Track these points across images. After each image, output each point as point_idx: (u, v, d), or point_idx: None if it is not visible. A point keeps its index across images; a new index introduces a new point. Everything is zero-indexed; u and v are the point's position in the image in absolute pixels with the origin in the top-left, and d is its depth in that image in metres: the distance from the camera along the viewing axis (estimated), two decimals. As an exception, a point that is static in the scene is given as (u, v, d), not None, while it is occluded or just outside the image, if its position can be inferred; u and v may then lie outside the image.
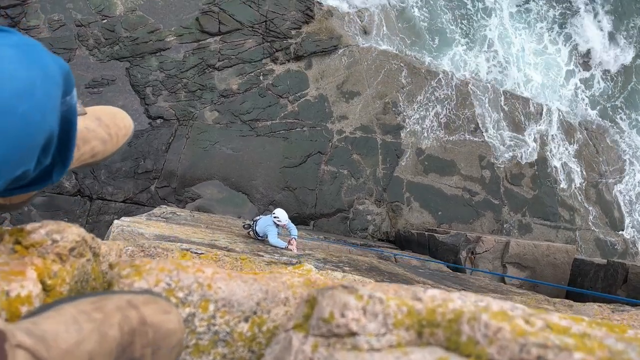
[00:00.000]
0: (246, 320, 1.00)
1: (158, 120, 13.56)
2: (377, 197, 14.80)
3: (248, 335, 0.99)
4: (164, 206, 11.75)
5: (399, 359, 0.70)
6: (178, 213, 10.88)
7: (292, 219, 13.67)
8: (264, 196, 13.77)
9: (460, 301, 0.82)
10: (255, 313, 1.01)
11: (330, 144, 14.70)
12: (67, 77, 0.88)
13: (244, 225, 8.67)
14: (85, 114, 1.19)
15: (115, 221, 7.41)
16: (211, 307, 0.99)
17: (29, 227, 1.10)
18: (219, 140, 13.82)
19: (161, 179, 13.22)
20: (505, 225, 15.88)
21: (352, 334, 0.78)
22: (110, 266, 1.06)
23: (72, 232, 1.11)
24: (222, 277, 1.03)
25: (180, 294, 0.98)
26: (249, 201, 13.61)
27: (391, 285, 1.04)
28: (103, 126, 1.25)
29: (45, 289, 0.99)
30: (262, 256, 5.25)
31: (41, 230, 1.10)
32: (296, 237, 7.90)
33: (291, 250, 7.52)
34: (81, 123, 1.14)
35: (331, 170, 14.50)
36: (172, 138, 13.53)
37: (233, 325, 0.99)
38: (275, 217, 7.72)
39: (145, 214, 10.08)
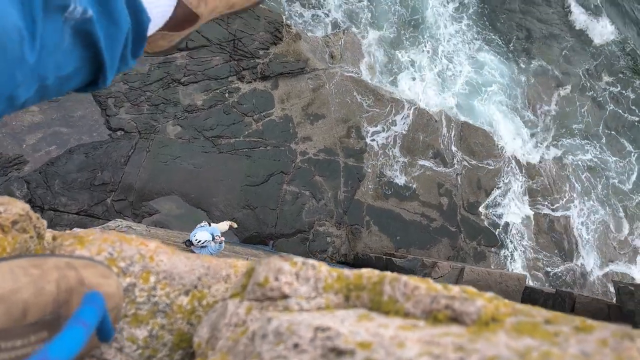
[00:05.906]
0: (186, 293, 1.03)
1: (118, 132, 13.30)
2: (338, 219, 14.89)
3: (188, 308, 1.02)
4: (120, 220, 11.45)
5: (325, 316, 0.75)
6: (134, 227, 10.63)
7: (252, 237, 13.66)
8: (224, 214, 13.62)
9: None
10: (195, 287, 1.04)
11: (293, 164, 14.76)
12: None
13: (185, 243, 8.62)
14: None
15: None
16: (152, 278, 1.01)
17: (-28, 198, 1.10)
18: (181, 155, 13.65)
19: (118, 191, 12.90)
20: (460, 252, 16.22)
21: (285, 296, 0.83)
22: (54, 238, 1.07)
23: (17, 206, 1.11)
24: (165, 251, 1.06)
25: (122, 264, 1.00)
26: (208, 218, 13.43)
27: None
28: None
29: (-16, 256, 0.99)
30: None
31: (-16, 201, 1.10)
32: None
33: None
34: None
35: (293, 191, 14.53)
36: (132, 151, 13.28)
37: (173, 297, 1.01)
38: (197, 241, 7.99)
39: (100, 227, 9.80)
